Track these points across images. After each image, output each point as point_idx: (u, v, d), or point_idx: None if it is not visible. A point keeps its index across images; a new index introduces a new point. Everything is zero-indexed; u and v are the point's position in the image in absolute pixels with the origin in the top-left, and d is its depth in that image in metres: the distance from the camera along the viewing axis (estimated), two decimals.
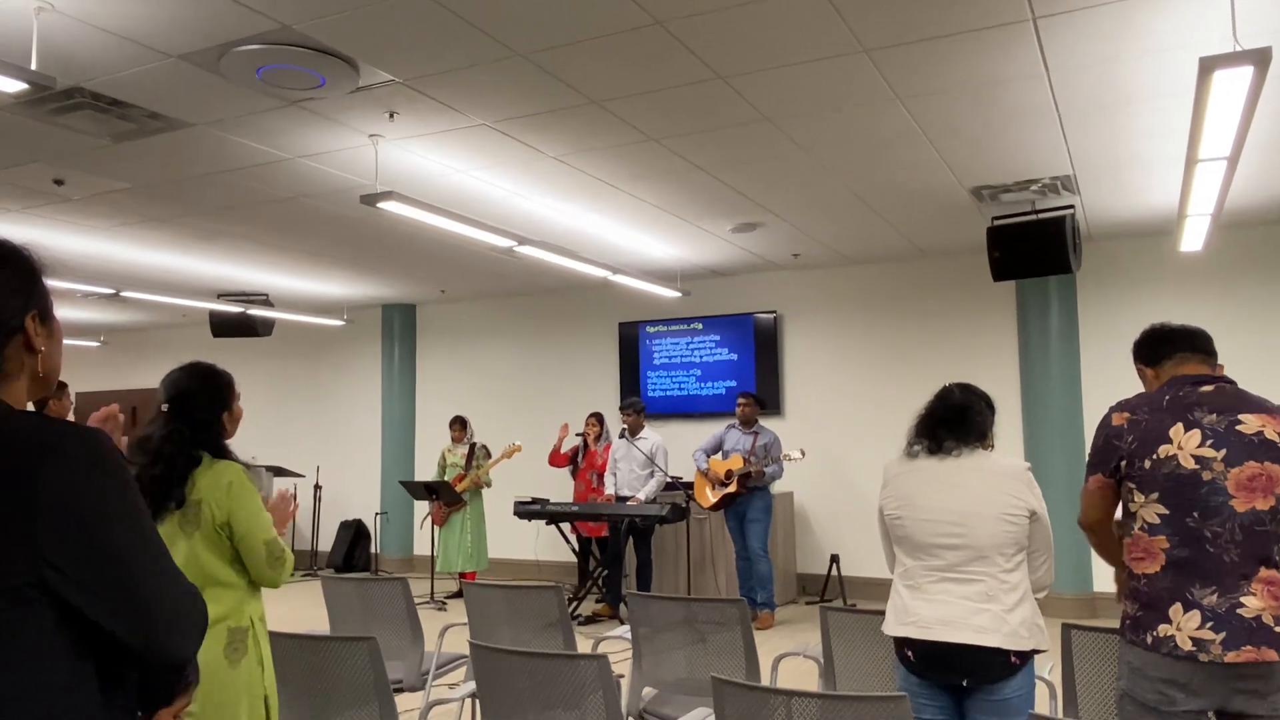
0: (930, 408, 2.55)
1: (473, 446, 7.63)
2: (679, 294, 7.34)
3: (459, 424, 7.67)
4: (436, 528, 7.49)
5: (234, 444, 2.38)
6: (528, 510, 6.72)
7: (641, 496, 6.57)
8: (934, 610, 2.35)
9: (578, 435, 7.39)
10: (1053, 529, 2.41)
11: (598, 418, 7.30)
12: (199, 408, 2.33)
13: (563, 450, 7.37)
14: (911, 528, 2.44)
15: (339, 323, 8.68)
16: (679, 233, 6.25)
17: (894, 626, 2.43)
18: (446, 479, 7.52)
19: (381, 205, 4.34)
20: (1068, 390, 6.67)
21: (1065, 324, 6.72)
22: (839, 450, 7.52)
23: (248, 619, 2.28)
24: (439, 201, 5.12)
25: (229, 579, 2.26)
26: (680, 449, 7.50)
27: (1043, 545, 2.39)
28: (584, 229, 6.01)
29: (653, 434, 6.84)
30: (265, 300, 7.93)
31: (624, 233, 6.19)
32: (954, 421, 2.47)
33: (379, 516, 9.03)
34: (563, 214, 5.63)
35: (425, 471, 8.88)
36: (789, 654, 3.39)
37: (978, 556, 2.35)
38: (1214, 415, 2.21)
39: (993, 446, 2.55)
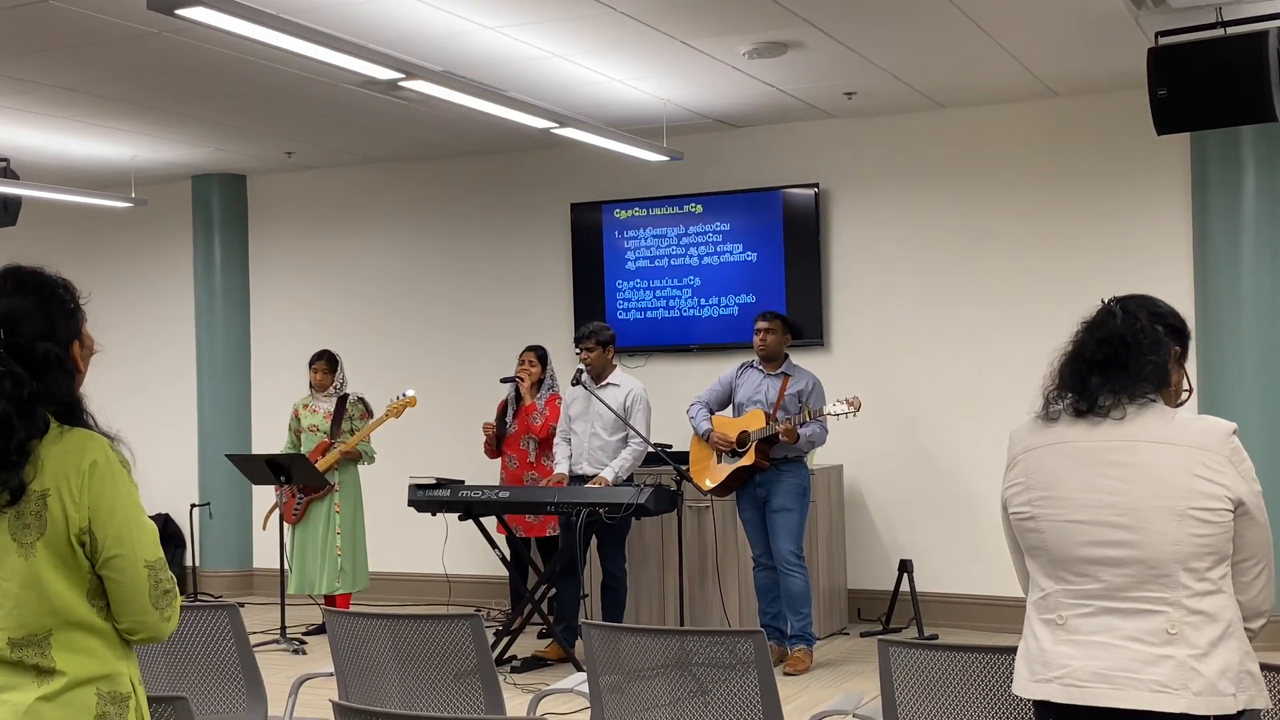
0: (1077, 342, 2.51)
1: (343, 399, 7.62)
2: (666, 157, 7.30)
3: (324, 363, 7.65)
4: (289, 526, 7.53)
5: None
6: (430, 498, 6.75)
7: (609, 475, 6.62)
8: (1089, 659, 2.36)
9: (505, 382, 7.39)
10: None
11: (538, 354, 7.29)
12: (38, 337, 2.21)
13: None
14: (1051, 533, 2.44)
15: (124, 204, 8.54)
16: (666, 58, 6.17)
17: (1028, 684, 2.44)
18: (303, 450, 7.53)
19: (184, 13, 4.24)
20: (1269, 301, 6.72)
21: (1266, 200, 6.74)
22: (913, 401, 7.59)
23: (127, 682, 2.24)
24: (277, 6, 5.00)
25: (93, 620, 2.20)
26: (669, 402, 7.53)
27: (1258, 550, 2.38)
28: (515, 52, 5.93)
29: (626, 379, 6.86)
30: (4, 169, 7.80)
31: (579, 59, 6.11)
32: (1112, 363, 2.44)
33: (197, 510, 9.06)
34: (480, 27, 5.55)
35: (269, 438, 8.88)
36: (832, 713, 3.44)
37: (1153, 575, 2.35)
38: None
39: (1186, 391, 2.52)
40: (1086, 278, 7.03)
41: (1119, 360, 2.44)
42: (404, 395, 7.39)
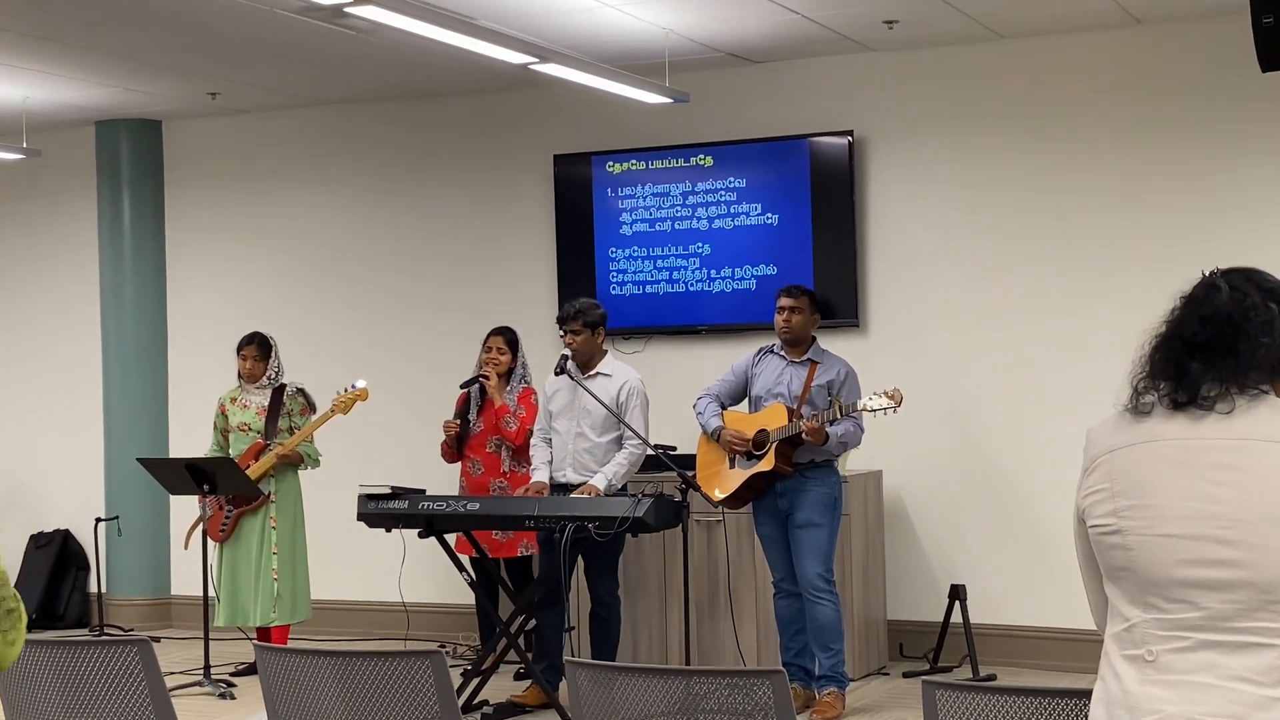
0: (1175, 321, 2.49)
1: (279, 391, 7.60)
2: (668, 99, 7.28)
3: (254, 348, 7.62)
4: (215, 545, 7.51)
5: None
6: (384, 511, 6.74)
7: (599, 484, 6.61)
8: (1185, 703, 2.34)
9: (466, 386, 7.35)
10: None
11: (506, 339, 7.28)
12: None
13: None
14: (1141, 551, 2.42)
15: (14, 155, 8.51)
16: None
17: None
18: (232, 453, 7.52)
19: None
20: None
21: None
22: (968, 394, 7.59)
23: None
24: None
25: None
26: (672, 394, 7.53)
27: None
28: None
29: (620, 368, 6.85)
30: None
31: None
32: (1217, 345, 2.42)
33: (103, 525, 9.05)
34: None
35: (190, 439, 8.87)
36: None
37: (1265, 601, 2.32)
38: None
39: None
40: (1179, 244, 7.01)
41: (1225, 343, 2.42)
42: (353, 387, 7.37)
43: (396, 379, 8.54)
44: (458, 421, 7.34)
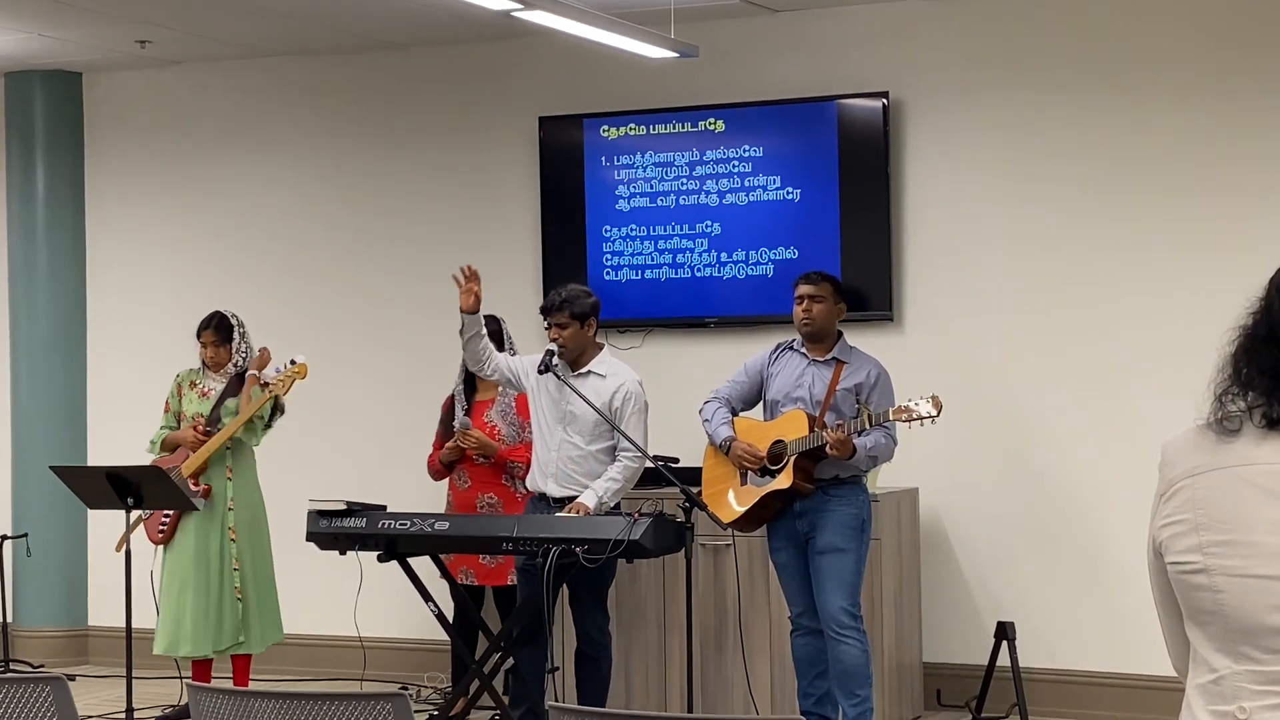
0: (1264, 321, 2.44)
1: (239, 378, 7.58)
2: (674, 53, 7.27)
3: (214, 332, 7.61)
4: (157, 556, 7.49)
5: None
6: (338, 530, 6.73)
7: (589, 500, 6.59)
8: None
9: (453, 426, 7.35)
10: None
11: (490, 327, 7.26)
12: None
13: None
14: (1232, 593, 2.40)
15: None
16: None
17: None
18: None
19: None
20: None
21: None
22: (1019, 400, 7.56)
23: None
24: None
25: None
26: (675, 398, 7.51)
27: None
28: None
29: (616, 366, 6.85)
30: None
31: None
32: None
33: (9, 544, 9.02)
34: None
35: (113, 444, 8.83)
36: None
37: None
38: None
39: None
40: (1269, 218, 6.98)
41: None
42: (291, 364, 7.36)
43: (354, 374, 8.51)
44: (457, 448, 7.33)
